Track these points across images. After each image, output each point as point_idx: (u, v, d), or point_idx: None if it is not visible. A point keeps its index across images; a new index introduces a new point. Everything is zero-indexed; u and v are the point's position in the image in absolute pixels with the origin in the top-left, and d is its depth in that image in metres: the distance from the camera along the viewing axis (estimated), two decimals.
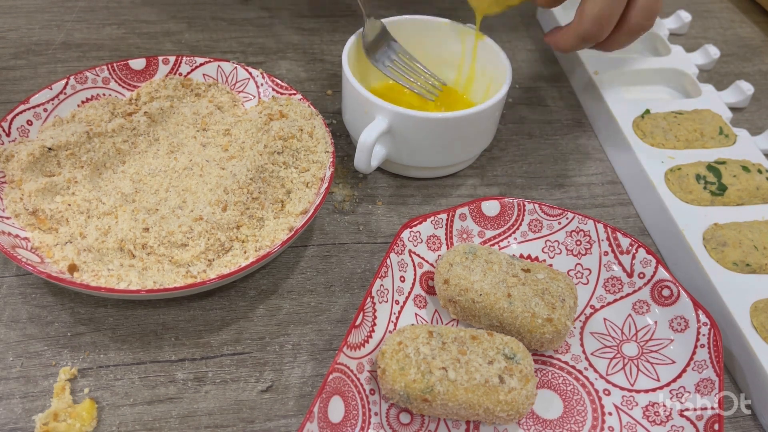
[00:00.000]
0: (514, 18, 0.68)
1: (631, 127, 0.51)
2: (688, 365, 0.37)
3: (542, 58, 0.63)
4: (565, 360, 0.38)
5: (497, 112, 0.47)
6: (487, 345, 0.35)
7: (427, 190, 0.49)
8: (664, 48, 0.60)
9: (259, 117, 0.47)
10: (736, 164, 0.47)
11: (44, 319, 0.38)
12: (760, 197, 0.46)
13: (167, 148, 0.45)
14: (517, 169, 0.51)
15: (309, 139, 0.46)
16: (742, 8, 0.73)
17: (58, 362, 0.36)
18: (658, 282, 0.40)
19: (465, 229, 0.43)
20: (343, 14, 0.66)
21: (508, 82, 0.46)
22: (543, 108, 0.57)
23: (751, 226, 0.44)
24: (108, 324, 0.38)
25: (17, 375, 0.36)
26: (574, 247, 0.43)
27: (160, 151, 0.45)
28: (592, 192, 0.50)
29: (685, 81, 0.57)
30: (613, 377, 0.38)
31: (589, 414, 0.36)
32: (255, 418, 0.35)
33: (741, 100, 0.56)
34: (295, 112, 0.47)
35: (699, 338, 0.37)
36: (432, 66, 0.53)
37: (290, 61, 0.59)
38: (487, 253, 0.39)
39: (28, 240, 0.39)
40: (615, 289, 0.41)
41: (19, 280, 0.40)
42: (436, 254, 0.42)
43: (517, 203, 0.43)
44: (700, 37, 0.67)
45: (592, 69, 0.56)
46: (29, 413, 0.34)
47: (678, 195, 0.46)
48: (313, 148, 0.45)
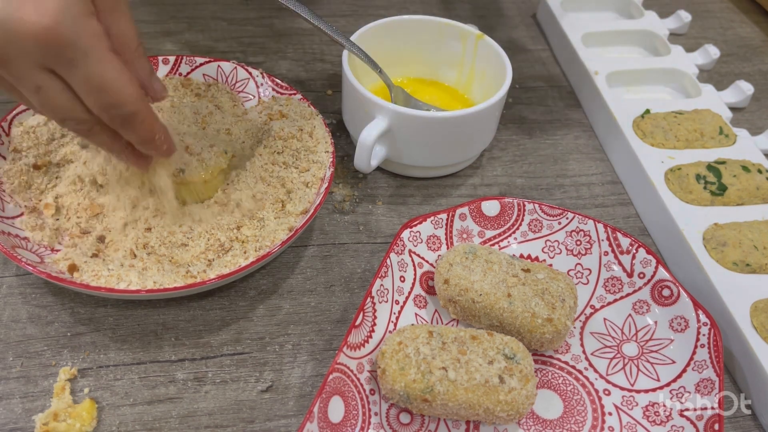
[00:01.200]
0: (513, 18, 0.68)
1: (631, 127, 0.51)
2: (688, 365, 0.37)
3: (542, 58, 0.63)
4: (565, 360, 0.38)
5: (497, 111, 0.47)
6: (487, 345, 0.35)
7: (427, 189, 0.49)
8: (664, 48, 0.60)
9: (258, 117, 0.47)
10: (736, 164, 0.47)
11: (44, 319, 0.38)
12: (760, 197, 0.46)
13: None
14: (517, 169, 0.51)
15: (309, 139, 0.45)
16: (742, 8, 0.73)
17: (58, 362, 0.36)
18: (658, 282, 0.40)
19: (465, 229, 0.43)
20: (344, 14, 0.66)
21: (508, 82, 0.46)
22: (543, 108, 0.57)
23: (751, 226, 0.44)
24: (108, 324, 0.38)
25: (17, 375, 0.36)
26: (574, 247, 0.43)
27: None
28: (592, 192, 0.50)
29: (685, 81, 0.57)
30: (613, 377, 0.38)
31: (589, 414, 0.36)
32: (255, 418, 0.35)
33: (741, 100, 0.56)
34: (295, 112, 0.47)
35: (699, 338, 0.37)
36: (432, 65, 0.53)
37: (290, 61, 0.59)
38: (487, 253, 0.39)
39: (28, 240, 0.39)
40: (615, 289, 0.41)
41: (19, 280, 0.40)
42: (436, 254, 0.42)
43: (517, 203, 0.43)
44: (700, 37, 0.67)
45: (593, 69, 0.56)
46: (29, 413, 0.34)
47: (678, 195, 0.46)
48: (313, 148, 0.45)
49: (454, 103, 0.52)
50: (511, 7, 0.69)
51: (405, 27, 0.51)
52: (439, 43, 0.52)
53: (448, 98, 0.53)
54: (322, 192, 0.41)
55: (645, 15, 0.64)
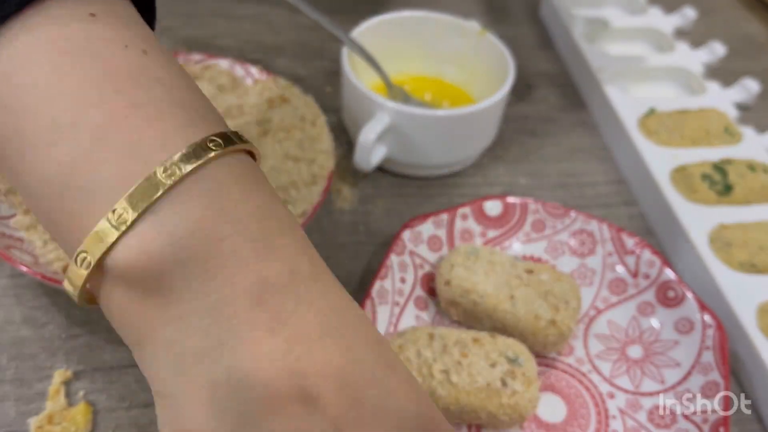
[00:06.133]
0: (517, 15, 0.67)
1: (636, 126, 0.50)
2: (694, 368, 0.36)
3: (545, 55, 0.62)
4: (569, 362, 0.38)
5: (499, 110, 0.47)
6: (490, 348, 0.34)
7: (428, 189, 0.48)
8: (669, 45, 0.59)
9: (259, 97, 0.47)
10: (743, 163, 0.47)
11: (39, 321, 0.38)
12: (767, 197, 0.46)
13: None
14: (520, 168, 0.51)
15: (312, 129, 0.45)
16: (748, 5, 0.72)
17: (52, 365, 0.36)
18: (663, 283, 0.39)
19: (467, 230, 0.42)
20: (343, 11, 0.65)
21: (511, 80, 0.46)
22: (546, 106, 0.57)
23: (758, 226, 0.43)
24: (103, 326, 0.38)
25: (11, 378, 0.35)
26: (578, 248, 0.42)
27: None
28: (597, 191, 0.50)
29: (690, 79, 0.56)
30: (617, 380, 0.37)
31: (593, 417, 0.36)
32: None
33: (747, 99, 0.56)
34: (297, 98, 0.47)
35: (704, 340, 0.37)
36: (434, 63, 0.53)
37: (289, 57, 0.58)
38: (490, 254, 0.38)
39: (23, 240, 0.38)
40: (619, 290, 0.40)
41: (13, 281, 0.39)
42: (437, 255, 0.41)
43: (519, 203, 0.43)
44: (706, 34, 0.66)
45: (596, 66, 0.55)
46: (23, 416, 0.33)
47: (683, 194, 0.45)
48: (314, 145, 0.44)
49: (456, 100, 0.52)
50: (514, 4, 0.69)
51: (406, 23, 0.51)
52: (441, 40, 0.52)
53: (450, 96, 0.52)
54: (321, 192, 0.41)
55: (649, 11, 0.63)
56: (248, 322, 0.19)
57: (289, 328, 0.19)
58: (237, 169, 0.21)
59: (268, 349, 0.19)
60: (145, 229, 0.19)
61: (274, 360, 0.19)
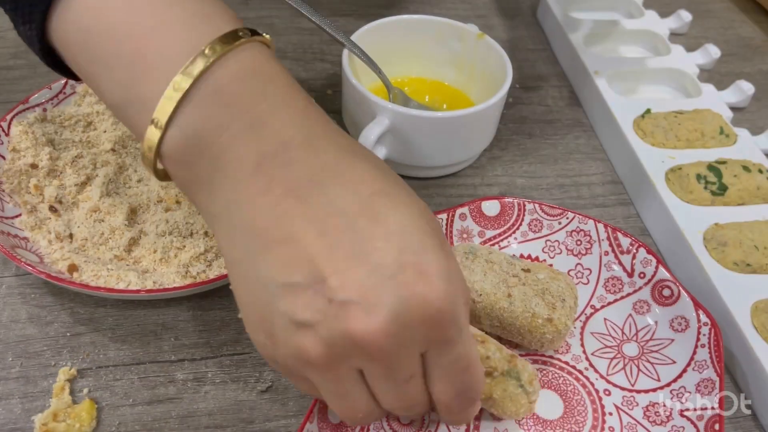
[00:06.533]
0: (514, 18, 0.68)
1: (632, 127, 0.51)
2: (689, 365, 0.37)
3: (543, 58, 0.63)
4: (566, 360, 0.38)
5: (497, 111, 0.47)
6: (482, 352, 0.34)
7: (427, 189, 0.49)
8: (665, 48, 0.60)
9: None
10: (737, 164, 0.47)
11: (43, 319, 0.38)
12: (761, 197, 0.46)
13: None
14: (518, 168, 0.51)
15: None
16: (742, 8, 0.73)
17: (57, 362, 0.36)
18: (658, 282, 0.40)
19: (465, 229, 0.43)
20: (344, 14, 0.66)
21: (509, 82, 0.46)
22: (543, 108, 0.57)
23: (752, 226, 0.43)
24: (107, 324, 0.38)
25: (16, 375, 0.36)
26: (574, 247, 0.42)
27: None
28: (593, 192, 0.50)
29: (685, 81, 0.57)
30: (613, 377, 0.38)
31: (590, 414, 0.36)
32: (255, 419, 0.35)
33: (741, 100, 0.56)
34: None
35: (699, 338, 0.37)
36: (432, 65, 0.53)
37: (290, 60, 0.59)
38: (488, 253, 0.39)
39: (28, 240, 0.39)
40: (615, 288, 0.41)
41: (19, 280, 0.40)
42: None
43: (517, 203, 0.43)
44: (701, 36, 0.67)
45: (593, 68, 0.56)
46: (28, 413, 0.34)
47: (678, 195, 0.46)
48: None
49: (455, 102, 0.52)
50: (512, 7, 0.69)
51: (405, 26, 0.51)
52: (440, 43, 0.52)
53: (449, 98, 0.53)
54: None
55: (645, 14, 0.64)
56: (250, 184, 0.25)
57: (280, 186, 0.25)
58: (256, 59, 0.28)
59: (262, 203, 0.25)
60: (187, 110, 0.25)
61: (267, 211, 0.25)
